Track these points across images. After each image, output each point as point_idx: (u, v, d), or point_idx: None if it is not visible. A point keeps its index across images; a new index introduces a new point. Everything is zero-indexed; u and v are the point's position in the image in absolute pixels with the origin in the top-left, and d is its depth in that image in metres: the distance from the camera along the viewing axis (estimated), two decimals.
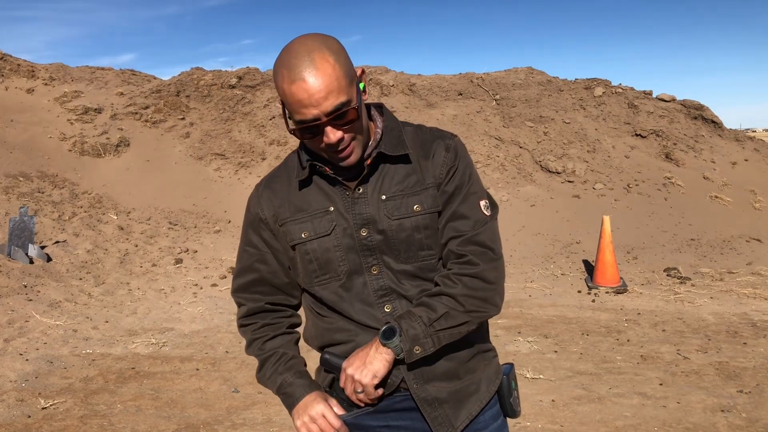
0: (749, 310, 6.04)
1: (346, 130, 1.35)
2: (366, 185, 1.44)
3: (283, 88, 1.32)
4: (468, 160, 1.49)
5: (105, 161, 10.78)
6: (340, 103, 1.30)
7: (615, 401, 3.96)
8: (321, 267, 1.46)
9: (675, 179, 10.47)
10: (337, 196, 1.45)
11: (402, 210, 1.42)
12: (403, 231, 1.42)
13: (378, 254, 1.44)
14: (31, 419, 3.80)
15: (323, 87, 1.28)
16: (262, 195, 1.53)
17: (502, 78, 12.96)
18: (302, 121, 1.32)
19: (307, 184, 1.47)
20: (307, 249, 1.46)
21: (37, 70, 13.05)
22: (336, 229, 1.44)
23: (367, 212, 1.43)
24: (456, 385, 1.47)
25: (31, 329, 5.47)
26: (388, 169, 1.45)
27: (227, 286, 7.20)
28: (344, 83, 1.31)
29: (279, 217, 1.49)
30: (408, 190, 1.43)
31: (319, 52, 1.30)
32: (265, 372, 1.56)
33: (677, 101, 12.67)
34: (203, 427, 3.71)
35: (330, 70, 1.29)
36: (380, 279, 1.44)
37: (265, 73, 13.30)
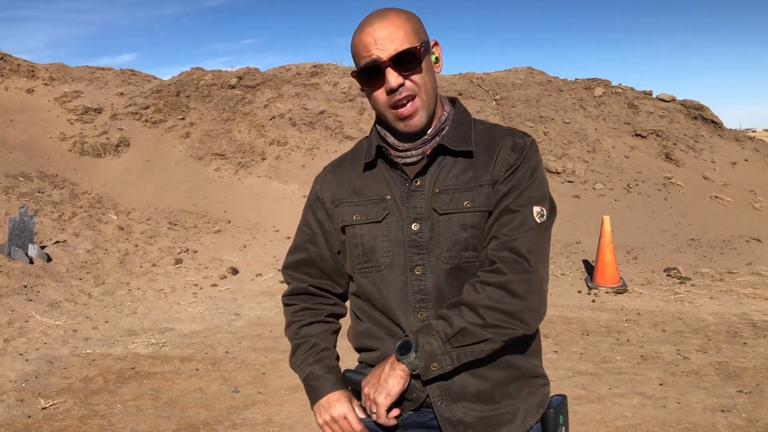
0: (749, 310, 6.04)
1: (406, 77, 1.33)
2: (424, 177, 1.40)
3: (354, 41, 1.36)
4: (534, 163, 1.39)
5: (105, 161, 10.78)
6: (403, 49, 1.31)
7: (615, 401, 3.96)
8: (365, 253, 1.42)
9: (675, 179, 10.47)
10: (397, 185, 1.41)
11: (452, 205, 1.36)
12: (449, 227, 1.36)
13: (425, 253, 1.37)
14: (31, 419, 3.80)
15: (389, 33, 1.32)
16: (325, 176, 1.54)
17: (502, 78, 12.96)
18: (365, 64, 1.34)
19: (371, 168, 1.45)
20: (355, 233, 1.43)
21: (37, 70, 13.05)
22: (388, 218, 1.40)
23: (421, 206, 1.38)
24: (488, 411, 1.36)
25: (31, 329, 5.47)
26: (447, 162, 1.40)
27: (227, 286, 7.20)
28: (411, 37, 1.33)
29: (336, 198, 1.48)
30: (462, 185, 1.37)
31: (394, 11, 1.37)
32: (296, 359, 1.54)
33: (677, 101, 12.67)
34: (203, 427, 3.71)
35: (399, 22, 1.34)
36: (422, 281, 1.37)
37: (266, 73, 13.31)
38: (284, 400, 4.09)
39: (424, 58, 1.35)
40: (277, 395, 4.19)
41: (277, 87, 12.74)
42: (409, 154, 1.42)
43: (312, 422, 3.76)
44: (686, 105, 12.53)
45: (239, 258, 8.20)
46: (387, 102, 1.36)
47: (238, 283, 7.31)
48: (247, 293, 6.96)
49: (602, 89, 12.60)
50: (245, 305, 6.54)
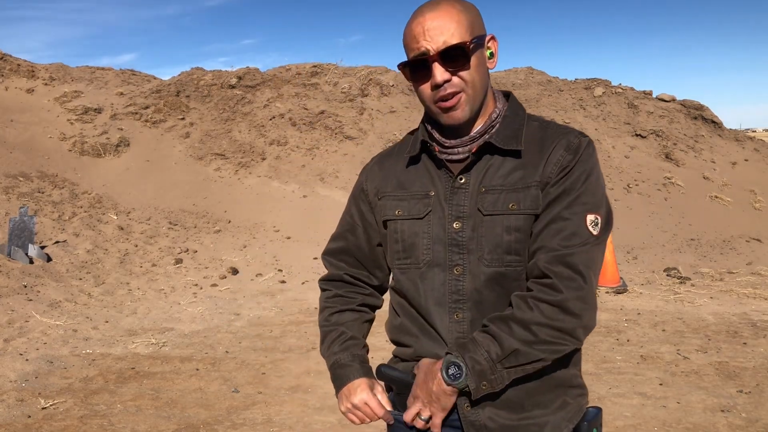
0: (749, 310, 6.04)
1: (453, 73, 1.28)
2: (469, 175, 1.35)
3: (405, 30, 1.32)
4: (590, 165, 1.30)
5: (105, 161, 10.78)
6: (453, 43, 1.26)
7: (615, 401, 3.96)
8: (405, 249, 1.39)
9: (675, 179, 10.47)
10: (441, 182, 1.37)
11: (497, 206, 1.30)
12: (492, 229, 1.30)
13: (465, 253, 1.32)
14: (31, 419, 3.80)
15: (439, 24, 1.27)
16: (372, 168, 1.52)
17: (502, 78, 12.96)
18: (413, 57, 1.30)
19: (416, 163, 1.42)
20: (396, 228, 1.41)
21: (37, 70, 13.05)
22: (430, 215, 1.36)
23: (464, 205, 1.33)
24: (514, 419, 1.31)
25: (31, 329, 5.47)
26: (495, 161, 1.34)
27: (227, 286, 7.21)
28: (463, 30, 1.28)
29: (380, 191, 1.46)
30: (509, 186, 1.31)
31: (449, 1, 1.31)
32: (324, 346, 1.53)
33: (677, 101, 12.67)
34: (203, 427, 3.71)
35: (453, 13, 1.29)
36: (460, 281, 1.33)
37: (266, 73, 13.31)
38: (284, 400, 4.09)
39: (473, 53, 1.29)
40: (277, 395, 4.19)
41: (277, 87, 12.74)
42: (455, 151, 1.37)
43: (312, 422, 3.76)
44: (686, 105, 12.53)
45: (239, 258, 8.19)
46: (432, 96, 1.32)
47: (238, 283, 7.31)
48: (247, 293, 6.96)
49: (602, 89, 12.60)
50: (245, 305, 6.54)
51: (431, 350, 1.37)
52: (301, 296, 6.87)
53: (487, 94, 1.37)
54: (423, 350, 1.38)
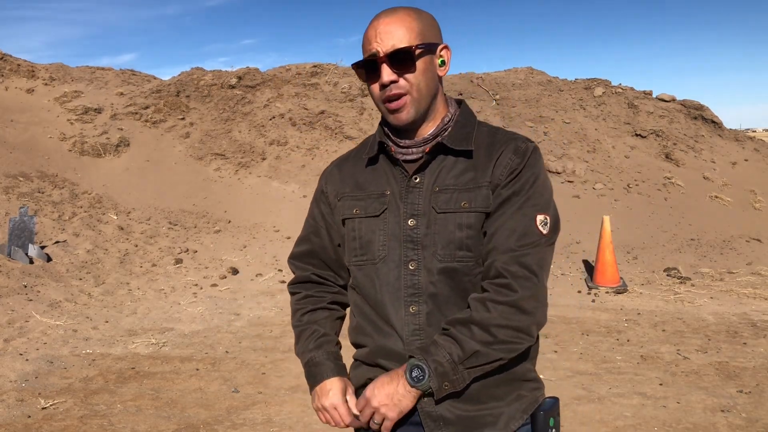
0: (749, 310, 6.04)
1: (400, 75, 1.36)
2: (423, 174, 1.42)
3: (364, 34, 1.41)
4: (538, 169, 1.39)
5: (105, 161, 10.78)
6: (400, 46, 1.35)
7: (615, 401, 3.96)
8: (361, 246, 1.46)
9: (675, 179, 10.47)
10: (397, 182, 1.45)
11: (450, 204, 1.38)
12: (445, 226, 1.38)
13: (419, 249, 1.39)
14: (31, 419, 3.80)
15: (391, 29, 1.36)
16: (331, 171, 1.59)
17: (502, 78, 12.96)
18: (365, 58, 1.38)
19: (374, 163, 1.50)
20: (354, 226, 1.47)
21: (37, 70, 13.05)
22: (386, 213, 1.43)
23: (419, 203, 1.41)
24: (470, 410, 1.37)
25: (31, 329, 5.47)
26: (447, 162, 1.42)
27: (227, 286, 7.21)
28: (412, 36, 1.36)
29: (339, 192, 1.53)
30: (461, 186, 1.39)
31: (405, 8, 1.40)
32: (299, 346, 1.57)
33: (677, 101, 12.67)
34: (203, 427, 3.71)
35: (406, 20, 1.37)
36: (415, 276, 1.40)
37: (266, 73, 13.30)
38: (284, 400, 4.09)
39: (420, 58, 1.37)
40: (277, 395, 4.19)
41: (277, 87, 12.74)
42: (410, 152, 1.45)
43: (312, 422, 3.76)
44: (686, 105, 12.53)
45: (239, 258, 8.20)
46: (380, 96, 1.40)
47: (238, 283, 7.31)
48: (247, 293, 6.96)
49: (602, 89, 12.60)
50: (245, 305, 6.54)
51: (386, 345, 1.43)
52: None
53: (437, 98, 1.44)
54: (378, 346, 1.44)
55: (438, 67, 1.43)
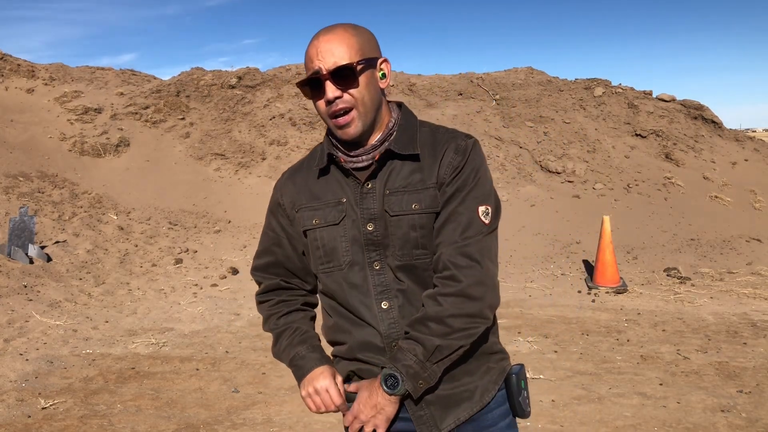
0: (749, 310, 6.04)
1: (344, 91, 1.42)
2: (375, 180, 1.49)
3: (305, 52, 1.46)
4: (478, 163, 1.47)
5: (105, 161, 10.78)
6: (341, 64, 1.40)
7: (615, 401, 3.96)
8: (326, 254, 1.52)
9: (675, 179, 10.47)
10: (350, 188, 1.50)
11: (402, 206, 1.45)
12: (399, 228, 1.45)
13: (381, 249, 1.47)
14: (31, 419, 3.80)
15: (331, 47, 1.41)
16: (285, 183, 1.62)
17: (502, 78, 12.96)
18: (308, 76, 1.44)
19: (325, 174, 1.55)
20: (316, 236, 1.53)
21: (37, 70, 13.05)
22: (345, 220, 1.50)
23: (374, 207, 1.47)
24: (447, 389, 1.48)
25: (31, 329, 5.47)
26: (396, 165, 1.49)
27: (227, 286, 7.20)
28: (352, 52, 1.42)
29: (296, 204, 1.57)
30: (410, 188, 1.46)
31: (342, 26, 1.46)
32: (279, 346, 1.60)
33: (677, 101, 12.67)
34: (203, 427, 3.71)
35: (345, 37, 1.43)
36: (381, 275, 1.48)
37: (265, 73, 13.30)
38: (284, 400, 4.10)
39: (362, 74, 1.43)
40: (277, 395, 4.19)
41: (277, 87, 12.74)
42: (359, 159, 1.50)
43: (312, 422, 3.76)
44: (686, 105, 12.53)
45: (239, 258, 8.20)
46: (326, 111, 1.45)
47: (238, 283, 7.31)
48: (247, 293, 6.96)
49: (602, 89, 12.60)
50: (245, 305, 6.54)
51: (365, 338, 1.50)
52: None
53: (381, 108, 1.51)
54: (357, 341, 1.51)
55: (379, 80, 1.49)
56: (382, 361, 1.49)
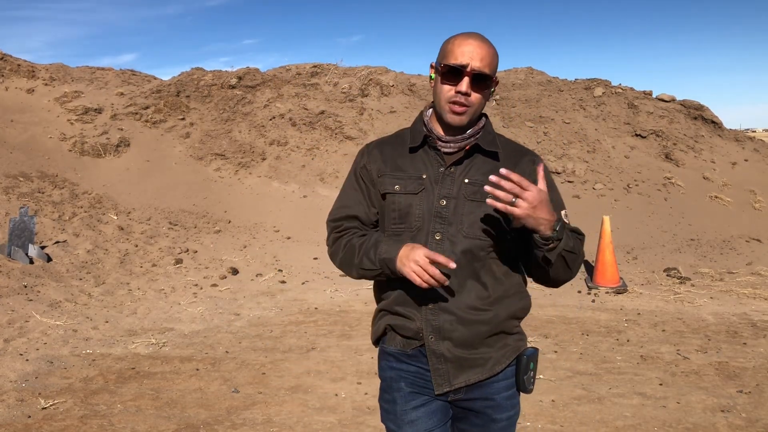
0: (749, 310, 6.04)
1: (474, 90, 1.70)
2: (458, 167, 1.76)
3: (454, 42, 1.71)
4: (550, 177, 1.76)
5: (105, 161, 10.78)
6: (485, 71, 1.69)
7: (615, 401, 3.96)
8: (400, 217, 1.77)
9: (675, 179, 10.47)
10: (433, 169, 1.77)
11: (477, 195, 1.71)
12: (472, 211, 1.72)
13: (446, 225, 1.73)
14: (31, 419, 3.80)
15: (482, 53, 1.69)
16: (371, 151, 1.87)
17: (501, 78, 12.96)
18: (455, 63, 1.68)
19: (414, 152, 1.80)
20: (394, 199, 1.78)
21: (37, 70, 13.05)
22: (423, 192, 1.75)
23: (450, 188, 1.74)
24: (464, 353, 1.75)
25: (31, 329, 5.47)
26: (477, 160, 1.77)
27: (227, 286, 7.21)
28: (493, 67, 1.72)
29: (380, 171, 1.82)
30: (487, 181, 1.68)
31: (490, 43, 1.75)
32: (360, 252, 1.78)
33: (677, 101, 12.67)
34: (203, 427, 3.71)
35: (491, 52, 1.73)
36: (439, 246, 1.71)
37: (265, 73, 13.30)
38: (284, 400, 4.10)
39: (491, 87, 1.76)
40: (277, 395, 4.19)
41: (277, 87, 12.74)
42: (449, 146, 1.78)
43: (312, 422, 3.76)
44: (686, 105, 12.52)
45: (239, 258, 8.20)
46: (449, 97, 1.71)
47: (238, 283, 7.31)
48: (247, 293, 6.96)
49: (602, 89, 12.59)
50: (245, 305, 6.54)
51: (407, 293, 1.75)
52: (301, 296, 6.87)
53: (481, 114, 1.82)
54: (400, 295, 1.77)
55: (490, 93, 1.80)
56: (414, 315, 1.74)
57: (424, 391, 1.79)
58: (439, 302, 1.72)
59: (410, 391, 1.80)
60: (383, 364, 1.87)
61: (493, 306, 1.74)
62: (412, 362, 1.79)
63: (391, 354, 1.83)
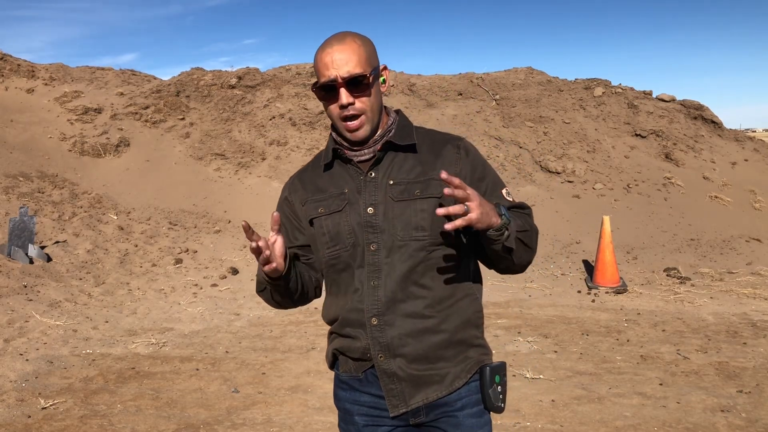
0: (749, 310, 6.04)
1: (357, 98, 1.58)
2: (377, 170, 1.64)
3: (316, 57, 1.60)
4: (481, 157, 1.69)
5: (105, 161, 10.78)
6: (356, 72, 1.56)
7: (615, 401, 3.96)
8: (332, 239, 1.65)
9: (675, 179, 10.47)
10: (353, 179, 1.65)
11: (405, 194, 1.61)
12: (402, 212, 1.60)
13: (378, 232, 1.61)
14: (31, 419, 3.80)
15: (345, 56, 1.56)
16: (293, 182, 1.77)
17: (502, 78, 12.96)
18: (324, 81, 1.58)
19: (330, 168, 1.70)
20: (321, 223, 1.66)
21: (37, 70, 13.05)
22: (347, 207, 1.64)
23: (375, 194, 1.62)
24: (421, 369, 1.60)
25: (31, 329, 5.47)
26: (397, 159, 1.65)
27: (227, 286, 7.20)
28: (363, 62, 1.58)
29: (302, 199, 1.72)
30: (412, 179, 1.62)
31: (350, 36, 1.61)
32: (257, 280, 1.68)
33: (677, 101, 12.67)
34: (203, 427, 3.71)
35: (355, 47, 1.58)
36: (375, 255, 1.61)
37: (265, 73, 13.30)
38: (284, 400, 4.10)
39: (373, 84, 1.61)
40: (277, 395, 4.19)
41: (277, 87, 12.74)
42: (362, 153, 1.65)
43: (312, 422, 3.76)
44: (686, 105, 12.52)
45: (239, 258, 8.20)
46: (338, 114, 1.60)
47: (238, 283, 7.31)
48: (247, 293, 6.96)
49: (602, 89, 12.60)
50: (245, 305, 6.54)
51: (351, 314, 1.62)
52: None
53: (381, 112, 1.68)
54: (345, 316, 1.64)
55: (381, 85, 1.66)
56: (360, 333, 1.61)
57: (381, 420, 1.66)
58: (384, 315, 1.59)
59: (365, 424, 1.67)
60: (337, 393, 1.74)
61: (439, 312, 1.60)
62: (365, 389, 1.66)
63: (344, 381, 1.70)
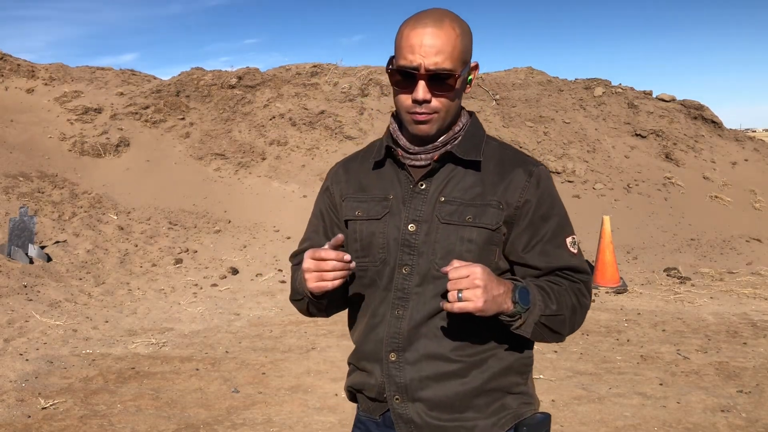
0: (749, 310, 6.04)
1: (436, 96, 1.32)
2: (429, 182, 1.39)
3: (402, 32, 1.32)
4: (553, 191, 1.42)
5: (105, 161, 10.78)
6: (444, 67, 1.29)
7: (615, 401, 3.96)
8: (363, 248, 1.43)
9: (675, 179, 10.47)
10: (401, 186, 1.42)
11: (454, 217, 1.36)
12: (447, 237, 1.36)
13: (415, 255, 1.37)
14: (31, 419, 3.80)
15: (438, 44, 1.29)
16: (337, 171, 1.55)
17: (502, 78, 12.96)
18: (404, 65, 1.31)
19: (380, 167, 1.46)
20: (355, 228, 1.45)
21: (37, 70, 13.05)
22: (387, 216, 1.41)
23: (421, 209, 1.38)
24: (443, 419, 1.35)
25: (31, 329, 5.47)
26: (457, 173, 1.40)
27: (227, 286, 7.21)
28: (456, 56, 1.31)
29: (343, 193, 1.50)
30: (467, 201, 1.37)
31: (451, 20, 1.32)
32: (293, 286, 1.52)
33: (677, 101, 12.67)
34: (203, 427, 3.71)
35: (452, 36, 1.30)
36: (406, 280, 1.38)
37: (265, 73, 13.31)
38: (284, 400, 4.10)
39: (459, 85, 1.34)
40: (277, 395, 4.19)
41: (277, 87, 12.74)
42: (418, 158, 1.42)
43: (312, 422, 3.76)
44: (686, 105, 12.53)
45: (239, 258, 8.20)
46: (408, 107, 1.35)
47: (238, 283, 7.31)
48: (247, 293, 6.96)
49: (602, 89, 12.60)
50: (245, 305, 6.54)
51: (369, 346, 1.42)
52: None
53: (458, 115, 1.43)
54: (361, 348, 1.45)
55: (466, 85, 1.40)
56: (374, 368, 1.40)
57: None
58: (404, 351, 1.36)
59: None
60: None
61: (471, 357, 1.35)
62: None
63: (362, 422, 1.48)
